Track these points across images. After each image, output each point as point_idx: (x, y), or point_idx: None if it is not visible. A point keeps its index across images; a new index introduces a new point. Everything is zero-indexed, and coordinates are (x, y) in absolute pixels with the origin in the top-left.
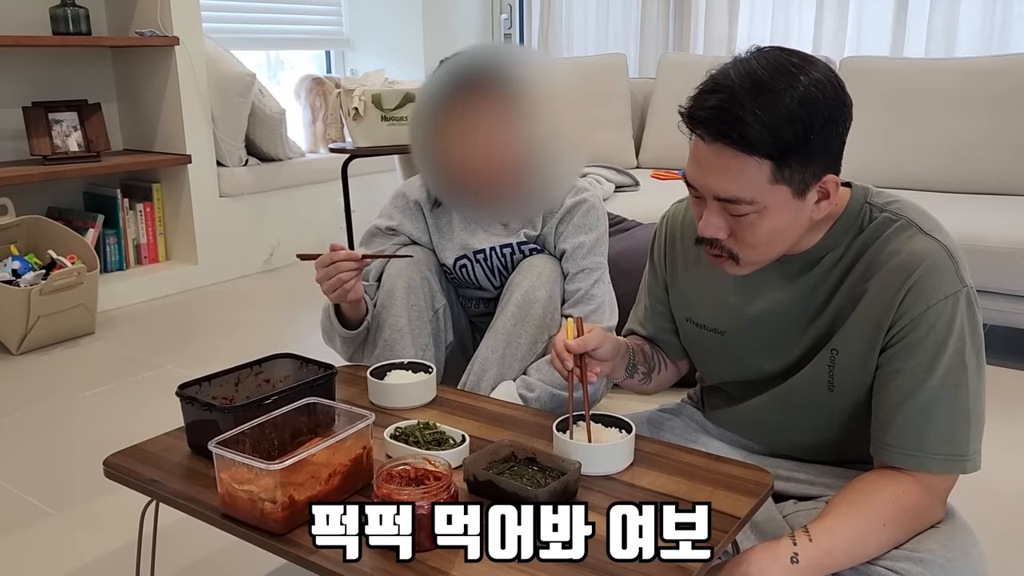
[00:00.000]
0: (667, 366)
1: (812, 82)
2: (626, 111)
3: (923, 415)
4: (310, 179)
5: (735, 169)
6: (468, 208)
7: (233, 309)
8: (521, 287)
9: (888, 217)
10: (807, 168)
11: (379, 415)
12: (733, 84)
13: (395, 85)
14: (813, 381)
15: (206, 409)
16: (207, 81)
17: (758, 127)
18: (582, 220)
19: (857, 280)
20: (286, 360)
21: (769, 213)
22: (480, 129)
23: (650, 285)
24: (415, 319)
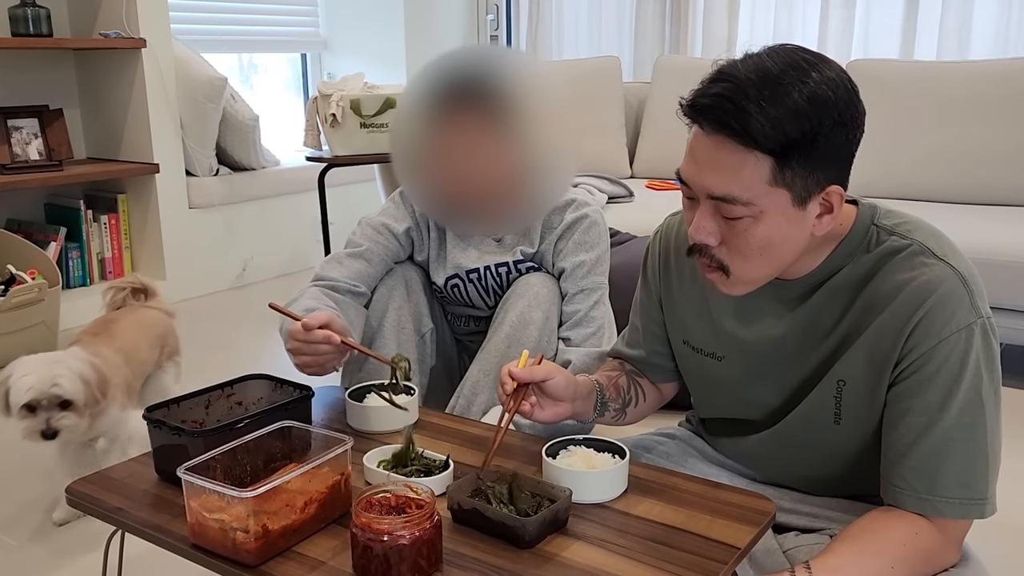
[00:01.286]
0: (645, 397)
1: (824, 80)
2: (620, 117)
3: (937, 456)
4: (285, 189)
5: (733, 164)
6: (454, 222)
7: (203, 327)
8: (516, 307)
9: (897, 240)
10: (810, 174)
11: (358, 439)
12: (740, 74)
13: (375, 90)
14: (818, 414)
15: (174, 433)
16: (176, 86)
17: (762, 119)
18: (583, 237)
19: (863, 309)
20: (259, 381)
21: (765, 219)
22: (465, 138)
23: (643, 304)
24: (403, 344)
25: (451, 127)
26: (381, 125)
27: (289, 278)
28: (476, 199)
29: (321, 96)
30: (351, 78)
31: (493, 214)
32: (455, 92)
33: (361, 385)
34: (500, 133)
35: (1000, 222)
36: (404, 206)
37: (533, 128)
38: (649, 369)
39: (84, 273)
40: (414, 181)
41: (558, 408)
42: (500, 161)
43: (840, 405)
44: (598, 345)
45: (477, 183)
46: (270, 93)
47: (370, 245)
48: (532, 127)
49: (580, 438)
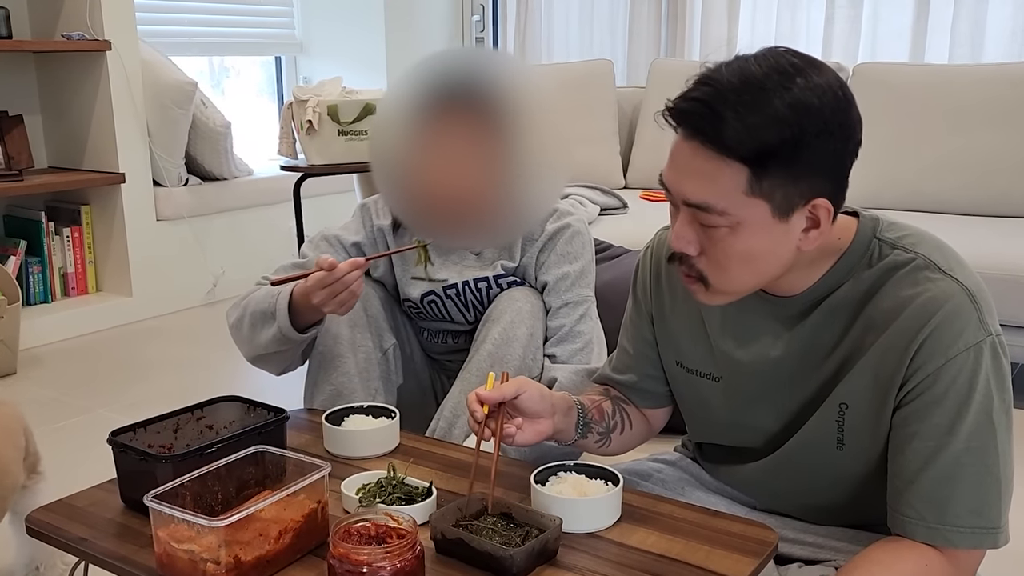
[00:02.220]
0: (631, 425)
1: (811, 86)
2: (613, 124)
3: (946, 483)
4: (258, 200)
5: (709, 171)
6: (436, 235)
7: (172, 346)
8: (499, 324)
9: (901, 254)
10: (792, 185)
11: (336, 465)
12: (722, 78)
13: (354, 95)
14: (820, 439)
15: (141, 458)
16: (143, 90)
17: (737, 126)
18: (565, 248)
19: (865, 328)
20: (231, 403)
21: (743, 231)
22: (449, 147)
23: (634, 323)
24: (362, 362)
25: (433, 135)
26: (360, 132)
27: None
28: (459, 211)
29: (296, 102)
30: (328, 83)
31: (477, 226)
32: (437, 98)
33: (339, 408)
34: (485, 141)
35: (1014, 235)
36: (361, 219)
37: (520, 136)
38: (639, 395)
39: (46, 289)
40: (394, 191)
41: (537, 426)
42: (485, 171)
43: (843, 429)
44: (586, 361)
45: (460, 194)
46: (242, 98)
47: (313, 256)
48: (519, 135)
49: (571, 464)
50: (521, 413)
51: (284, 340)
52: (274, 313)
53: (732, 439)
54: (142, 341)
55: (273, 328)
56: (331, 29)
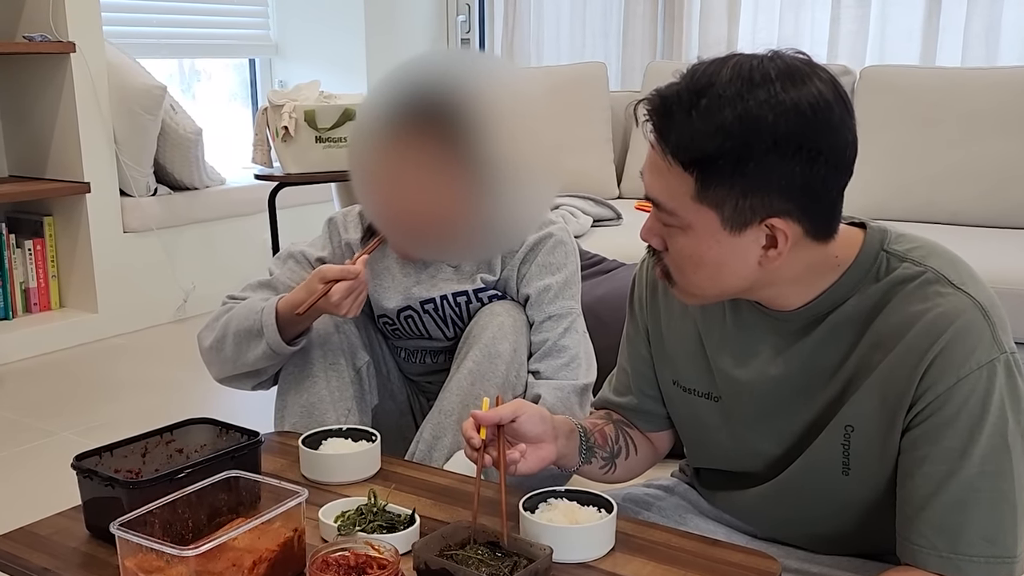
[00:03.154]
0: (636, 449)
1: (772, 101)
2: (606, 130)
3: (959, 510)
4: (231, 211)
5: (661, 170)
6: (417, 247)
7: (140, 365)
8: (480, 340)
9: (910, 267)
10: (742, 199)
11: (313, 491)
12: (693, 78)
13: (332, 100)
14: (824, 463)
15: (107, 484)
16: (109, 95)
17: (681, 131)
18: (547, 259)
19: (872, 345)
20: (202, 426)
21: (693, 235)
22: (428, 155)
23: (631, 341)
24: (334, 380)
25: (413, 142)
26: (339, 139)
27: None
28: (438, 224)
29: (272, 107)
30: (305, 87)
31: (458, 240)
32: (417, 104)
33: (316, 431)
34: (470, 147)
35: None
36: (327, 234)
37: (506, 144)
38: (641, 417)
39: (6, 305)
40: (373, 202)
41: (540, 451)
42: (465, 181)
43: (848, 453)
44: (573, 378)
45: (439, 206)
46: (214, 103)
47: (279, 273)
48: (504, 143)
49: (562, 490)
50: (521, 438)
51: (274, 355)
52: (261, 330)
53: (731, 463)
54: (108, 360)
55: (262, 344)
56: (308, 30)
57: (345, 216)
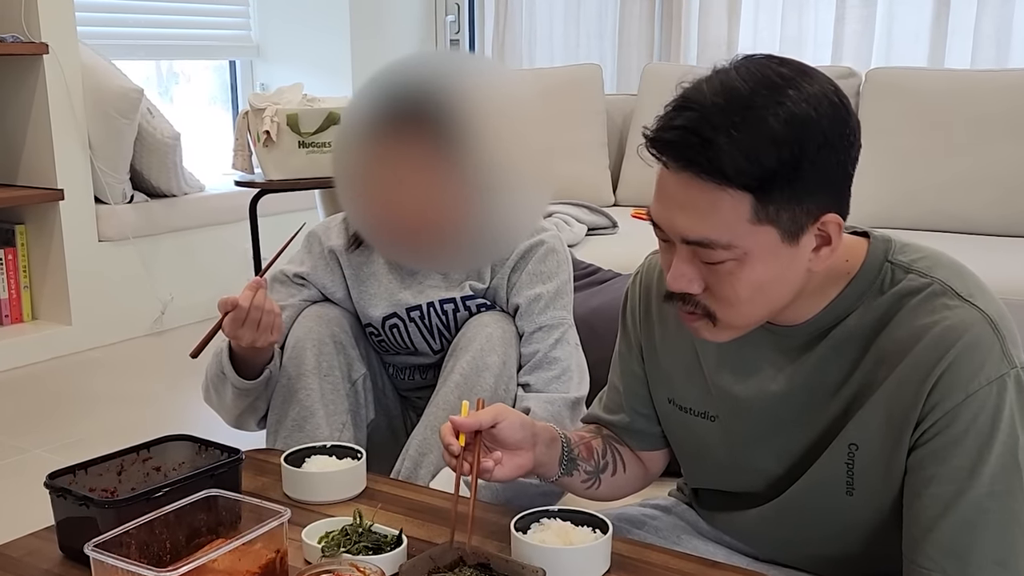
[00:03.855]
0: (625, 467)
1: (804, 97)
2: (601, 135)
3: (968, 531)
4: (211, 219)
5: (706, 205)
6: (404, 255)
7: (116, 380)
8: (468, 351)
9: (915, 278)
10: (798, 205)
11: (296, 511)
12: (705, 100)
13: (316, 103)
14: (828, 483)
15: (81, 503)
16: (83, 98)
17: (733, 152)
18: (538, 267)
19: (876, 361)
20: (181, 443)
21: (752, 261)
22: (414, 160)
23: (623, 357)
24: (328, 393)
25: (399, 147)
26: (322, 144)
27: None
28: (425, 231)
29: (253, 110)
30: (288, 90)
31: (446, 248)
32: (404, 106)
33: (299, 448)
34: (458, 152)
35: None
36: (308, 246)
37: (497, 149)
38: (633, 436)
39: None
40: (358, 209)
41: (517, 459)
42: (452, 187)
43: (852, 473)
44: (564, 391)
45: (425, 213)
46: (193, 107)
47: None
48: (495, 147)
49: (555, 509)
50: (500, 444)
51: (242, 393)
52: (223, 371)
53: (731, 483)
54: (83, 374)
55: (228, 386)
56: (291, 30)
57: (327, 224)
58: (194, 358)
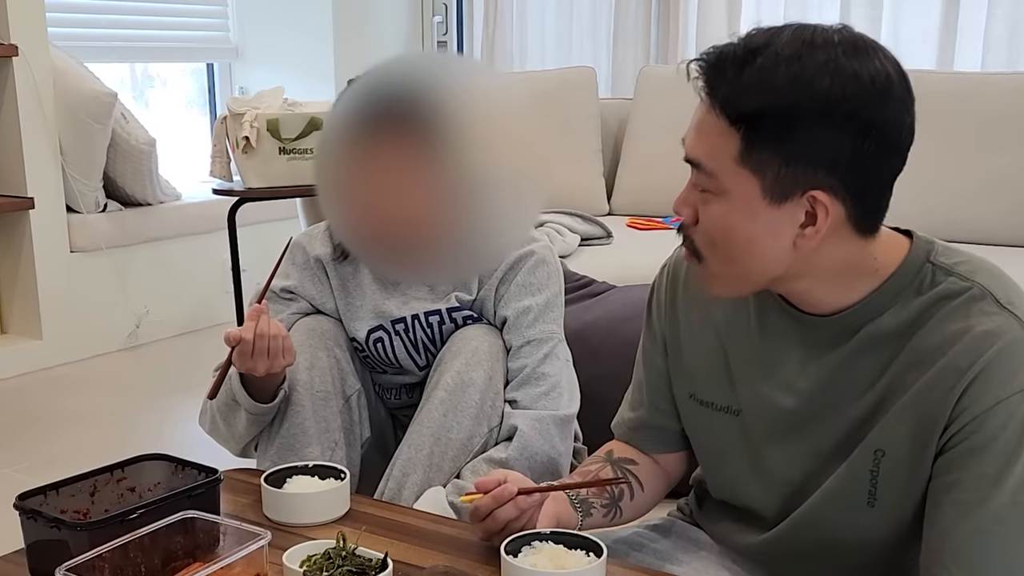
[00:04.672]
0: (643, 486)
1: (831, 67)
2: (595, 141)
3: (981, 541)
4: (188, 229)
5: (706, 129)
6: (387, 267)
7: (88, 397)
8: (452, 367)
9: (956, 282)
10: (785, 166)
11: (277, 534)
12: (752, 39)
13: (297, 108)
14: (849, 491)
15: (52, 526)
16: (54, 103)
17: (732, 86)
18: (528, 279)
19: (908, 363)
20: (156, 463)
21: (730, 202)
22: (404, 167)
23: (647, 351)
24: (321, 410)
25: (384, 153)
26: (304, 151)
27: (193, 337)
28: (411, 241)
29: (231, 115)
30: (268, 93)
31: (433, 259)
32: (389, 110)
33: (280, 468)
34: (442, 161)
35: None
36: (291, 257)
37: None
38: (652, 435)
39: None
40: (342, 218)
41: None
42: (438, 195)
43: (876, 481)
44: (553, 408)
45: (410, 221)
46: (169, 112)
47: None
48: (484, 153)
49: (547, 532)
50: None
51: (257, 418)
52: (235, 397)
53: (747, 488)
54: (54, 391)
55: (242, 413)
56: (271, 32)
57: (311, 234)
58: (212, 400)
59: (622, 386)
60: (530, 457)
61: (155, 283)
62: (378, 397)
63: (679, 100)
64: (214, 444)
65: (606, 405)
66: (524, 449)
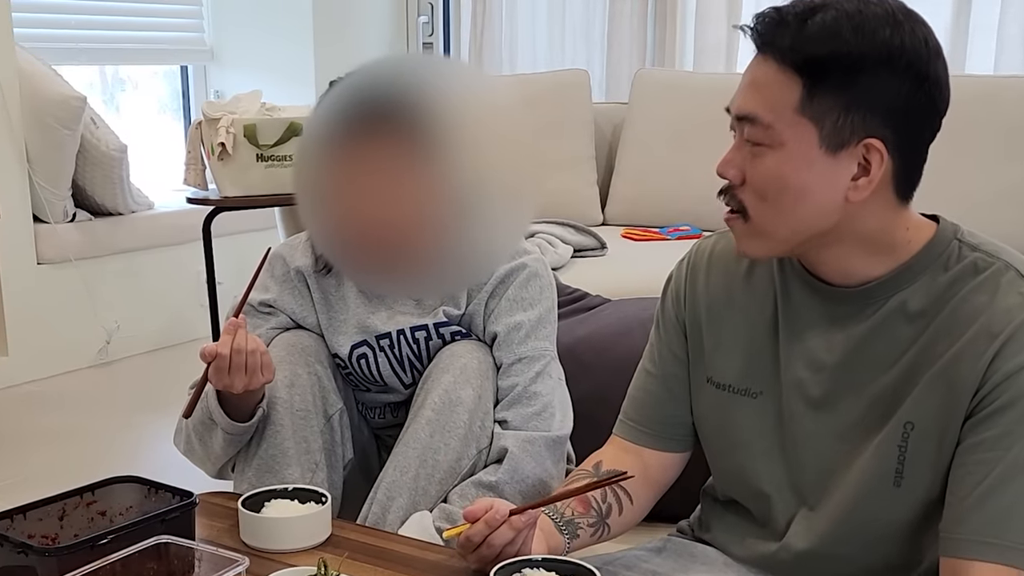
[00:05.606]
0: (632, 499)
1: (887, 16)
2: (589, 147)
3: (1007, 490)
4: (161, 240)
5: (764, 82)
6: (371, 279)
7: (56, 416)
8: (440, 385)
9: (983, 258)
10: (846, 113)
11: (254, 560)
12: (806, 1)
13: (275, 113)
14: (876, 470)
15: (19, 551)
16: (20, 107)
17: (794, 33)
18: (519, 293)
19: (936, 334)
20: (128, 485)
21: (786, 153)
22: (385, 174)
23: (662, 341)
24: (301, 430)
25: (366, 159)
26: (283, 157)
27: (166, 353)
28: (395, 252)
29: (206, 120)
30: (245, 97)
31: (418, 271)
32: (371, 115)
33: (258, 491)
34: (428, 168)
35: None
36: (271, 270)
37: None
38: (659, 429)
39: None
40: (322, 228)
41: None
42: (423, 204)
43: (904, 457)
44: (545, 429)
45: (395, 232)
46: (141, 116)
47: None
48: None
49: (539, 558)
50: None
51: (235, 439)
52: (212, 416)
53: (766, 478)
54: (20, 409)
55: (218, 432)
56: (248, 33)
57: (291, 244)
58: (187, 418)
59: (617, 405)
60: (521, 480)
61: (127, 296)
62: (361, 416)
63: (677, 104)
64: (189, 465)
65: (600, 425)
66: (515, 472)
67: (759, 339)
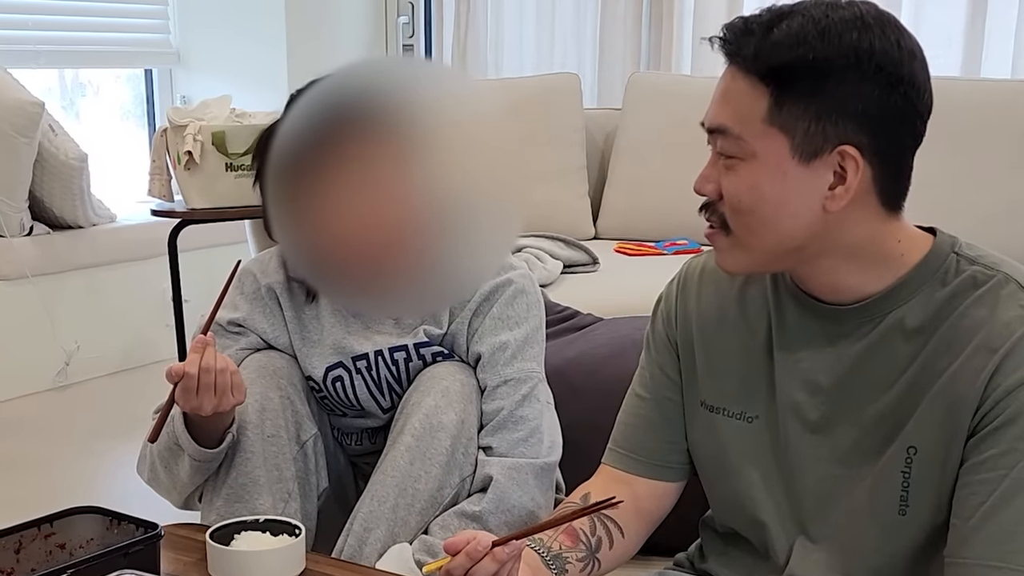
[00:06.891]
0: (623, 531)
1: (855, 19)
2: (579, 156)
3: (1010, 508)
4: (124, 254)
5: (731, 93)
6: (347, 297)
7: (12, 442)
8: (420, 409)
9: (981, 271)
10: (815, 122)
11: None
12: (774, 7)
13: (245, 119)
14: (879, 500)
15: None
16: None
17: (759, 42)
18: (505, 311)
19: (936, 351)
20: (89, 516)
21: (758, 164)
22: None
23: (653, 363)
24: (273, 457)
25: (341, 168)
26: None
27: (129, 375)
28: (375, 265)
29: (172, 127)
30: (213, 103)
31: (398, 286)
32: (347, 121)
33: (227, 522)
34: (408, 178)
35: None
36: (240, 286)
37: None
38: (651, 456)
39: None
40: (294, 242)
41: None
42: (409, 216)
43: (908, 483)
44: (532, 455)
45: (377, 245)
46: (103, 123)
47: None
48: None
49: None
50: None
51: (203, 466)
52: (178, 442)
53: (763, 507)
54: None
55: (185, 459)
56: (216, 35)
57: (262, 260)
58: (152, 444)
59: (608, 430)
60: (507, 510)
61: (87, 315)
62: (337, 443)
63: (673, 110)
64: (153, 495)
65: (591, 452)
66: (500, 501)
67: (753, 360)
